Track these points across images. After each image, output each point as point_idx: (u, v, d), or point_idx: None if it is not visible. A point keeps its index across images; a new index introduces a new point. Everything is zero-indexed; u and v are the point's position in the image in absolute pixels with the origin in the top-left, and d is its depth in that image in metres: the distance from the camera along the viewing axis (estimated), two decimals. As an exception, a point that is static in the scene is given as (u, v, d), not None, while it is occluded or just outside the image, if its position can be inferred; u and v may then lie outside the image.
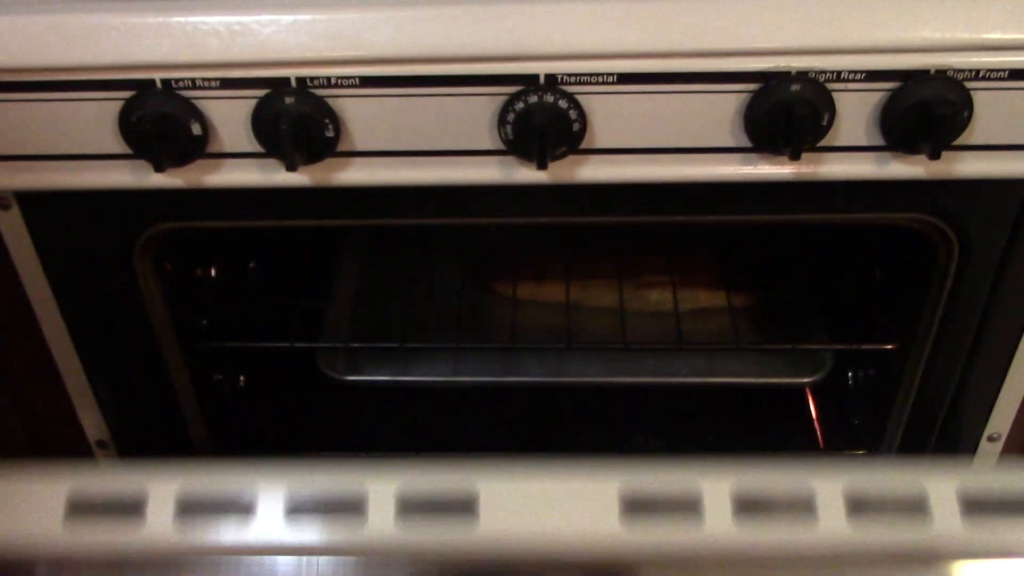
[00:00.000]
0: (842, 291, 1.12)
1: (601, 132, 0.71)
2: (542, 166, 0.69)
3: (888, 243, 1.00)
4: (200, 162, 0.73)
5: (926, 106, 0.68)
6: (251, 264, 1.15)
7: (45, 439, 1.00)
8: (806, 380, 1.06)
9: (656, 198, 0.79)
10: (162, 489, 0.76)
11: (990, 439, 0.96)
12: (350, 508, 0.75)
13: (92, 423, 0.95)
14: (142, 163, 0.72)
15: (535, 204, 0.79)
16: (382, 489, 0.76)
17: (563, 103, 0.69)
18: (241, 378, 1.11)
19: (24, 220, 0.80)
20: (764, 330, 1.12)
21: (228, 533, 0.75)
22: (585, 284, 1.13)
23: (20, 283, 0.85)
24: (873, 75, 0.69)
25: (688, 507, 0.77)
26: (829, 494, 0.77)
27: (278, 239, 1.20)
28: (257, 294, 1.15)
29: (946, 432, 0.96)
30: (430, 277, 1.17)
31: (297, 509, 0.75)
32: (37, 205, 0.79)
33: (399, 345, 1.02)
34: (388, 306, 1.14)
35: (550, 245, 1.19)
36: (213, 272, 1.03)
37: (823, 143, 0.71)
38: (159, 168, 0.71)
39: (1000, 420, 0.95)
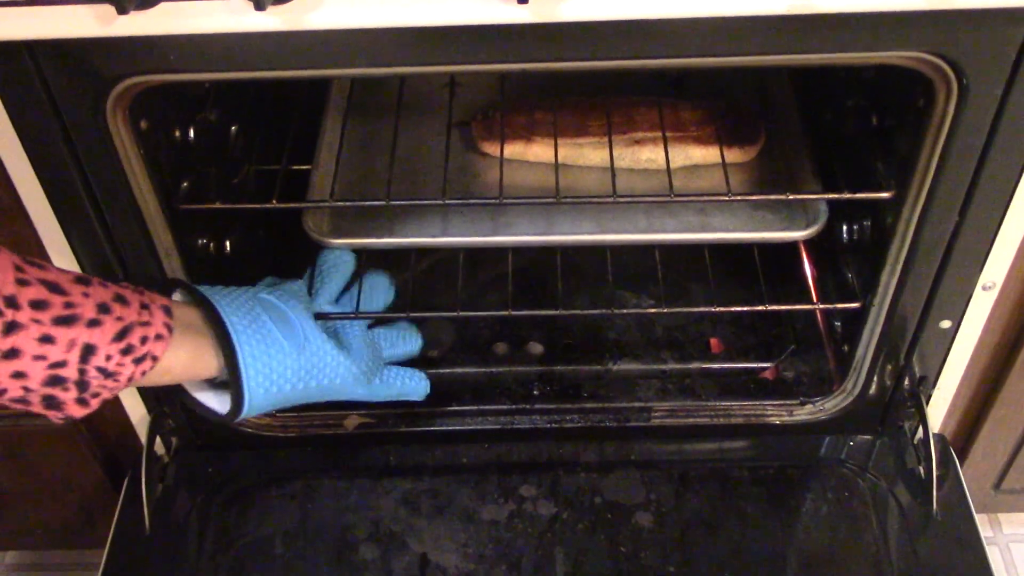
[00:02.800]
0: (838, 141, 1.09)
1: (584, -38, 0.67)
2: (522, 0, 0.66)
3: (886, 87, 0.97)
4: (165, 5, 0.69)
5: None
6: (233, 127, 1.12)
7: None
8: (800, 234, 1.03)
9: (644, 38, 0.75)
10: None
11: (984, 288, 0.95)
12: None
13: (77, 288, 0.93)
14: (106, 8, 0.69)
15: (518, 47, 0.75)
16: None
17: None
18: (227, 242, 1.09)
19: (-9, 76, 0.77)
20: (758, 184, 1.09)
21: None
22: (575, 143, 1.10)
23: (-8, 144, 0.83)
24: None
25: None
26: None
27: (259, 101, 1.17)
28: (240, 158, 1.11)
29: (940, 282, 0.95)
30: (416, 138, 1.14)
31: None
32: (3, 59, 0.76)
33: (385, 203, 0.99)
34: (373, 168, 1.11)
35: (538, 100, 1.14)
36: (192, 134, 1.00)
37: (819, -30, 0.67)
38: (122, 10, 0.67)
39: (995, 269, 0.93)
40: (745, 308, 1.15)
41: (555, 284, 1.13)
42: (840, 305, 1.07)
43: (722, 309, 1.14)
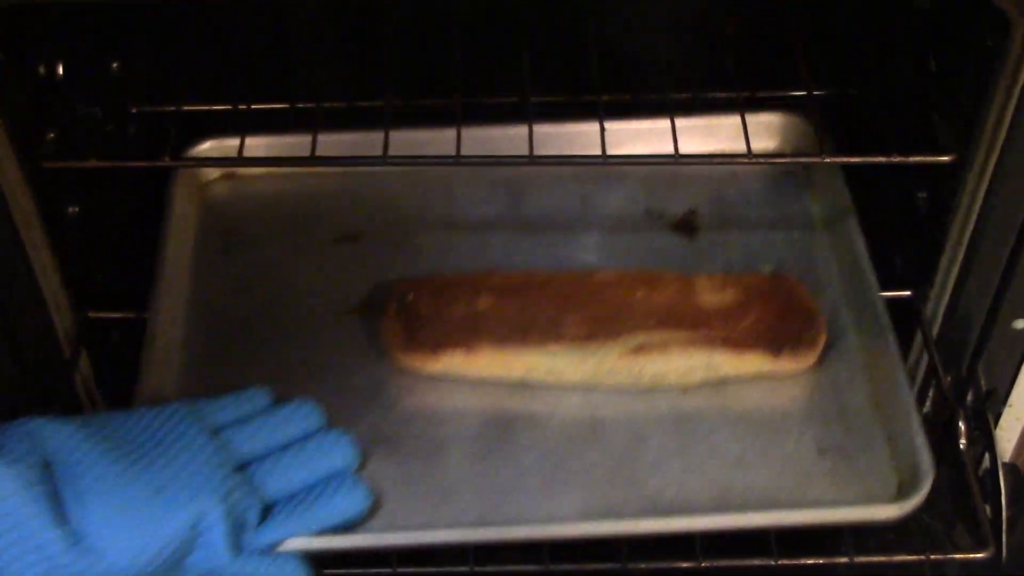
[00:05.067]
0: (887, 91, 1.10)
1: None
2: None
3: (948, 22, 0.97)
4: None
5: None
6: (114, 64, 1.11)
7: None
8: (892, 511, 0.92)
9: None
10: None
11: (1074, 277, 0.95)
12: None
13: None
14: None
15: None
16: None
17: None
18: (104, 211, 1.09)
19: None
20: (823, 419, 0.98)
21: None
22: (543, 351, 0.97)
23: None
24: None
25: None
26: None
27: (145, 29, 1.16)
28: (121, 101, 1.11)
29: (1014, 270, 0.95)
30: (300, 335, 1.03)
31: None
32: None
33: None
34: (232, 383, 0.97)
35: (483, 278, 1.03)
36: (61, 70, 0.99)
37: None
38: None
39: (1087, 251, 0.94)
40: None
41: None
42: (886, 293, 1.07)
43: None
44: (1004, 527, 1.04)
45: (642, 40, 1.20)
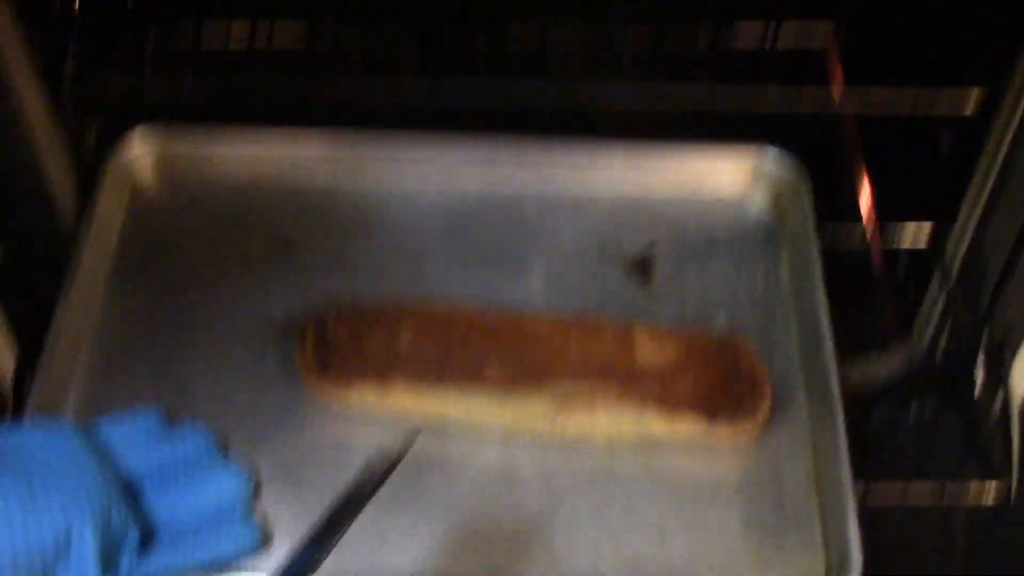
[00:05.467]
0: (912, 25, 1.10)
1: None
2: None
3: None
4: None
5: None
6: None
7: None
8: None
9: None
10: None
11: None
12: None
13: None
14: None
15: None
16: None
17: None
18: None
19: None
20: (758, 496, 0.90)
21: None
22: (461, 393, 0.91)
23: None
24: None
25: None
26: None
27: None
28: (137, 35, 1.12)
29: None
30: (213, 349, 0.95)
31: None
32: None
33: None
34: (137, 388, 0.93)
35: (409, 308, 0.96)
36: (76, 5, 1.01)
37: None
38: None
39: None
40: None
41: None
42: (908, 223, 1.08)
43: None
44: (1015, 468, 1.05)
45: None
